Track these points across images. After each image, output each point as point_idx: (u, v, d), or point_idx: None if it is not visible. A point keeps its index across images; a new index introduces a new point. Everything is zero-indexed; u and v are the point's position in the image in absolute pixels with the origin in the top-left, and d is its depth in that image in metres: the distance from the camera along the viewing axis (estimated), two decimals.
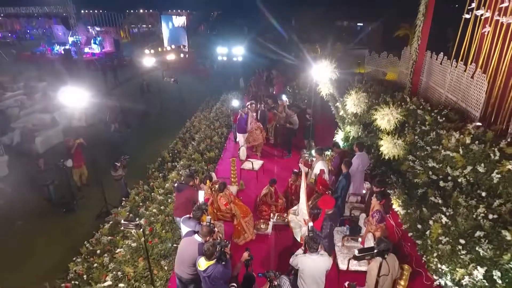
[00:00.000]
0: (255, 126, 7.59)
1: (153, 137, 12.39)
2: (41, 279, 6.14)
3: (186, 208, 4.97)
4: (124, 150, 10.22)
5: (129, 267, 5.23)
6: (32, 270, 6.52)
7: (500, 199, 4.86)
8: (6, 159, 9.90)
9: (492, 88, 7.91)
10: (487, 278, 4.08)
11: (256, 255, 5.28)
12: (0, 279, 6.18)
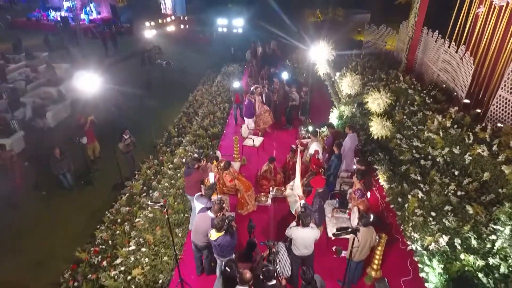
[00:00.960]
0: (263, 109, 8.02)
1: (157, 111, 12.90)
2: (70, 244, 7.09)
3: (196, 188, 5.71)
4: (129, 125, 10.90)
5: (149, 234, 6.09)
6: (61, 236, 7.40)
7: (469, 178, 5.60)
8: (22, 134, 10.53)
9: (481, 69, 8.37)
10: (449, 245, 4.92)
11: (258, 224, 6.15)
12: (33, 245, 7.09)
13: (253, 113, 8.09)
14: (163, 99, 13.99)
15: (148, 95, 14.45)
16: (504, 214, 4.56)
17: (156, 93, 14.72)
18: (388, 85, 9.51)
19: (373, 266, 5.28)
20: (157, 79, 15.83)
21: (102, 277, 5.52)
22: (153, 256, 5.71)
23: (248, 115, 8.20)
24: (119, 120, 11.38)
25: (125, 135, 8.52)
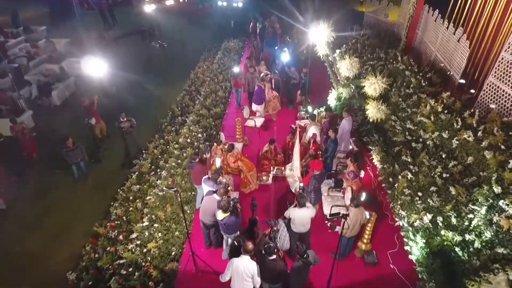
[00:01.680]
0: (272, 95, 8.22)
1: (160, 89, 13.14)
2: (86, 219, 7.71)
3: (200, 178, 6.15)
4: (131, 104, 11.25)
5: (160, 211, 6.66)
6: (76, 212, 7.99)
7: (455, 161, 6.06)
8: (30, 113, 10.87)
9: (477, 50, 8.55)
10: (432, 222, 5.48)
11: (259, 202, 6.72)
12: (50, 221, 7.67)
13: (263, 99, 8.25)
14: (164, 76, 14.17)
15: (149, 72, 14.59)
16: (481, 196, 5.07)
17: (157, 70, 14.84)
18: (387, 65, 9.74)
19: (363, 240, 5.89)
20: (158, 56, 15.89)
21: (120, 249, 6.17)
22: (165, 231, 6.31)
23: (258, 101, 8.36)
24: (122, 99, 11.73)
25: (122, 118, 8.71)
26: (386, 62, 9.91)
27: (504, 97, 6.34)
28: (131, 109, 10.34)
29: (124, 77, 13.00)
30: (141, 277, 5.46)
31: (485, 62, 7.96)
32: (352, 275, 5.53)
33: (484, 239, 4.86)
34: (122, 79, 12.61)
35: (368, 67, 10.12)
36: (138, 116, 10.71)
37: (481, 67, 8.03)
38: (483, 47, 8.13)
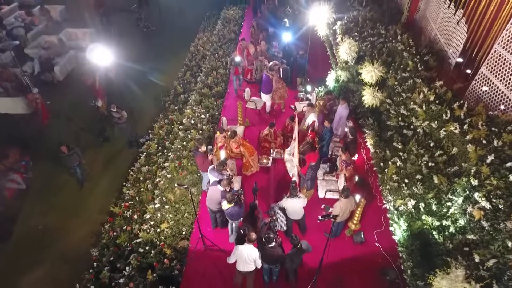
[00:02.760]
0: (280, 85, 8.34)
1: (159, 61, 13.17)
2: (100, 198, 8.40)
3: (204, 166, 6.68)
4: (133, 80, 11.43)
5: (170, 193, 7.30)
6: (90, 191, 8.65)
7: (441, 150, 6.55)
8: (36, 91, 11.10)
9: (477, 28, 8.52)
10: (415, 208, 6.12)
11: (260, 183, 7.35)
12: (66, 199, 8.34)
13: (270, 89, 8.34)
14: (164, 49, 14.11)
15: (148, 45, 14.50)
16: (460, 187, 5.65)
17: (156, 42, 14.72)
18: (386, 42, 9.83)
19: (353, 221, 6.59)
20: (156, 25, 15.59)
21: (135, 229, 6.90)
22: (175, 212, 7.00)
23: (265, 91, 8.42)
24: (122, 82, 11.86)
25: (113, 108, 8.89)
26: (386, 40, 9.99)
27: (493, 90, 6.65)
28: (132, 90, 10.55)
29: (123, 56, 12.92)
30: (157, 255, 6.23)
31: (481, 46, 8.05)
32: (341, 252, 6.30)
33: (458, 225, 5.53)
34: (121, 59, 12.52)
35: (368, 44, 10.25)
36: (140, 97, 11.02)
37: (477, 50, 8.12)
38: (484, 23, 8.13)
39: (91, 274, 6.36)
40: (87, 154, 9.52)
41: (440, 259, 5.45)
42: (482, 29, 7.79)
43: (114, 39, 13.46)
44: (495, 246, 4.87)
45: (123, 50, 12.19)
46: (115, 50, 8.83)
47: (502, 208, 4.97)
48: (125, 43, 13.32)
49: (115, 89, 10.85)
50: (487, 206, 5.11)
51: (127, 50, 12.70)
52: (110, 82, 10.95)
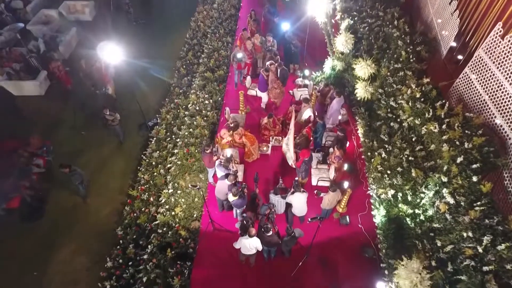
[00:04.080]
0: (275, 84, 8.72)
1: (161, 40, 13.39)
2: (118, 179, 9.40)
3: (210, 164, 7.55)
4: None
5: (181, 180, 8.27)
6: (108, 172, 9.61)
7: (421, 145, 7.37)
8: (45, 73, 11.58)
9: (474, 13, 8.67)
10: (394, 196, 7.12)
11: (260, 169, 8.31)
12: (90, 179, 9.35)
13: (266, 88, 8.86)
14: (164, 24, 14.17)
15: (148, 21, 14.47)
16: (432, 182, 6.58)
17: (155, 17, 14.65)
18: (383, 26, 10.11)
19: (341, 205, 7.65)
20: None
21: (153, 211, 8.00)
22: (186, 197, 8.03)
23: (262, 89, 8.93)
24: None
25: (106, 112, 9.24)
26: (383, 23, 10.25)
27: (473, 92, 7.27)
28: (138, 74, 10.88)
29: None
30: (174, 235, 7.38)
31: (481, 21, 8.08)
32: (329, 232, 7.43)
33: (427, 214, 6.57)
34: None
35: (366, 26, 10.51)
36: (146, 81, 11.41)
37: (476, 26, 8.18)
38: (472, 23, 8.44)
39: (119, 250, 7.59)
40: (100, 136, 10.36)
41: (410, 242, 6.59)
42: (469, 29, 8.13)
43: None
44: (454, 235, 5.92)
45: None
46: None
47: (463, 204, 5.95)
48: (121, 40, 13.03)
49: (121, 77, 11.30)
50: (451, 201, 6.09)
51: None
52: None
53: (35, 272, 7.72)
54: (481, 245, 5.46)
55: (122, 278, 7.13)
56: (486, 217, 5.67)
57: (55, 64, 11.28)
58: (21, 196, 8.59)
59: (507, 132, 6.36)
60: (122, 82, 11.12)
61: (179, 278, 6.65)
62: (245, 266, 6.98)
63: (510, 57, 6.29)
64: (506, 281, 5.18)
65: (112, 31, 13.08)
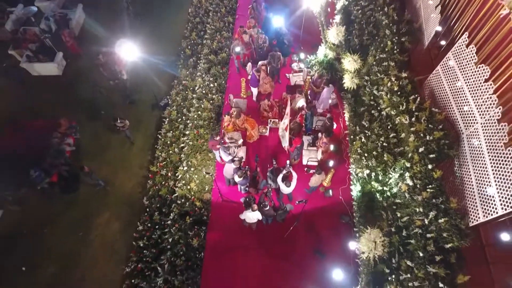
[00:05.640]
0: (266, 80, 9.59)
1: (163, 17, 13.95)
2: (137, 153, 10.96)
3: (214, 148, 8.99)
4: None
5: (193, 158, 9.83)
6: (130, 148, 11.14)
7: (395, 133, 8.80)
8: (61, 55, 12.50)
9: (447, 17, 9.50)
10: (368, 175, 8.75)
11: (259, 148, 9.86)
12: (109, 155, 10.88)
13: (257, 84, 9.93)
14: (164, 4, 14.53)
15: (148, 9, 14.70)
16: (398, 166, 8.16)
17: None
18: (375, 11, 10.88)
19: (325, 181, 9.32)
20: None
21: (171, 185, 9.71)
22: (199, 173, 9.67)
23: (253, 85, 10.05)
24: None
25: (117, 121, 10.31)
26: (375, 8, 10.97)
27: (441, 89, 8.49)
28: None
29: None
30: (190, 205, 9.17)
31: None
32: (315, 203, 9.18)
33: (392, 192, 8.27)
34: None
35: (359, 9, 11.27)
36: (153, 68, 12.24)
37: (459, 14, 8.96)
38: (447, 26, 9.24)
39: (146, 216, 9.46)
40: (119, 115, 11.68)
41: (377, 212, 8.39)
42: (449, 25, 9.03)
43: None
44: (409, 209, 7.66)
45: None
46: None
47: (418, 186, 7.60)
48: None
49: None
50: (410, 183, 7.73)
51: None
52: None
53: (80, 233, 9.67)
54: (427, 218, 7.22)
55: (152, 238, 9.08)
56: (434, 197, 7.35)
57: (67, 33, 12.62)
58: (59, 172, 10.23)
59: (462, 128, 7.77)
60: (134, 68, 12.07)
61: (197, 239, 8.58)
62: (248, 229, 8.87)
63: (469, 65, 7.44)
64: (441, 245, 7.03)
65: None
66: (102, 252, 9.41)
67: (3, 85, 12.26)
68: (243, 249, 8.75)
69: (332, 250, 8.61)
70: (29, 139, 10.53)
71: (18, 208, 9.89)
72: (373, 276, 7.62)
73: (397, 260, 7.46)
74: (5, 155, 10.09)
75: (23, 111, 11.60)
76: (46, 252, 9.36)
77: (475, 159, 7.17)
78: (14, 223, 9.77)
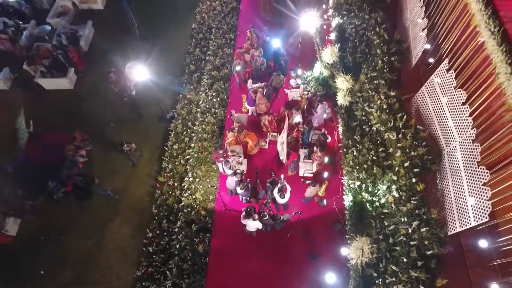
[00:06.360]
0: (262, 101, 10.45)
1: (168, 34, 14.74)
2: (145, 163, 11.77)
3: (218, 160, 9.78)
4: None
5: (198, 170, 10.62)
6: (136, 162, 11.95)
7: (383, 147, 9.57)
8: (73, 70, 13.30)
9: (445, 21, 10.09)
10: (359, 187, 9.52)
11: (259, 161, 10.65)
12: (120, 163, 11.71)
13: (253, 104, 10.76)
14: (168, 18, 15.31)
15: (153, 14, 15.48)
16: (386, 179, 8.94)
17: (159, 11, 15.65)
18: (367, 30, 11.64)
19: (320, 191, 10.11)
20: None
21: (178, 195, 10.51)
22: (203, 184, 10.46)
23: (250, 104, 10.88)
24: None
25: (124, 145, 11.14)
26: (367, 27, 11.73)
27: (426, 107, 9.26)
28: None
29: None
30: (196, 214, 9.96)
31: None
32: (310, 212, 9.97)
33: (380, 202, 9.06)
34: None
35: (353, 28, 12.03)
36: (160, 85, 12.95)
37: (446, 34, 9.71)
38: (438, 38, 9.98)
39: (155, 224, 10.26)
40: (127, 127, 12.52)
41: (367, 221, 9.17)
42: (435, 47, 9.80)
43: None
44: (396, 218, 8.45)
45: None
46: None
47: (403, 198, 8.38)
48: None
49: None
50: (396, 195, 8.51)
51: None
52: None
53: (94, 239, 10.49)
54: (411, 227, 8.01)
55: (160, 244, 9.89)
56: (417, 208, 8.14)
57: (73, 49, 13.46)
58: (73, 182, 11.03)
59: (443, 144, 8.55)
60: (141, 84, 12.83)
61: (202, 245, 9.39)
62: (249, 236, 9.67)
63: (449, 88, 8.21)
64: (423, 251, 7.82)
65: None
66: (114, 257, 10.24)
67: (18, 99, 13.06)
68: (245, 254, 9.55)
69: (326, 255, 9.40)
70: (46, 151, 11.35)
71: (33, 217, 10.69)
72: (362, 279, 8.41)
73: (384, 265, 8.25)
74: (25, 166, 10.93)
75: (37, 123, 12.39)
76: (63, 257, 10.18)
77: (453, 174, 7.95)
78: (32, 230, 10.60)
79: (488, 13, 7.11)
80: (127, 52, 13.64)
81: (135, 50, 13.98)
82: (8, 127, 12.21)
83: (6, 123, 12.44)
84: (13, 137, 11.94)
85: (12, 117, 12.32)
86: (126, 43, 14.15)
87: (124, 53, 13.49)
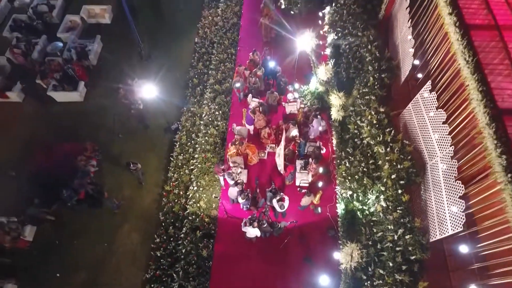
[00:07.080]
0: (259, 117, 11.43)
1: (171, 48, 15.53)
2: (153, 173, 12.57)
3: (219, 173, 10.58)
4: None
5: (202, 180, 11.41)
6: (146, 167, 12.68)
7: (373, 159, 10.36)
8: (83, 83, 14.08)
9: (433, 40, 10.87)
10: (351, 196, 10.32)
11: (259, 171, 11.45)
12: (130, 175, 12.50)
13: (252, 122, 11.56)
14: (172, 32, 16.09)
15: (157, 28, 16.27)
16: (375, 190, 9.74)
17: (163, 25, 16.43)
18: (360, 47, 12.41)
19: (315, 200, 10.91)
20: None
21: (183, 203, 11.31)
22: (207, 193, 11.25)
23: (249, 123, 11.73)
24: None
25: (130, 165, 11.72)
26: (360, 44, 12.51)
27: (412, 123, 10.06)
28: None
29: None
30: (200, 221, 10.76)
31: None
32: (306, 219, 10.78)
33: (370, 211, 9.86)
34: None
35: (347, 44, 12.81)
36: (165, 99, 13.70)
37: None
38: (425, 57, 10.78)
39: (162, 230, 11.06)
40: (134, 138, 13.32)
41: (358, 227, 9.98)
42: (423, 65, 10.58)
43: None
44: (383, 226, 9.25)
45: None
46: None
47: (390, 207, 9.18)
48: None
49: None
50: (384, 205, 9.31)
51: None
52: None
53: (105, 244, 11.29)
54: (396, 234, 8.81)
55: (167, 249, 10.69)
56: (402, 217, 8.93)
57: (77, 65, 14.23)
58: (85, 190, 11.82)
59: (427, 158, 9.35)
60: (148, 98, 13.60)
61: (206, 250, 10.19)
62: (249, 242, 10.48)
63: (432, 107, 8.99)
64: (407, 256, 8.61)
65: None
66: (124, 260, 11.03)
67: (31, 111, 13.86)
68: (245, 258, 10.36)
69: (320, 258, 10.20)
70: (59, 161, 12.14)
71: (52, 219, 11.52)
72: (352, 282, 9.21)
73: (372, 269, 9.05)
74: (40, 175, 11.74)
75: (49, 133, 13.17)
76: (76, 261, 10.98)
77: (435, 187, 8.75)
78: (47, 236, 11.39)
79: (464, 43, 7.89)
80: (134, 67, 14.42)
81: (142, 68, 14.78)
82: (22, 139, 13.00)
83: (20, 134, 13.23)
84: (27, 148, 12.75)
85: (25, 128, 13.17)
86: (133, 58, 14.93)
87: (131, 67, 14.26)
